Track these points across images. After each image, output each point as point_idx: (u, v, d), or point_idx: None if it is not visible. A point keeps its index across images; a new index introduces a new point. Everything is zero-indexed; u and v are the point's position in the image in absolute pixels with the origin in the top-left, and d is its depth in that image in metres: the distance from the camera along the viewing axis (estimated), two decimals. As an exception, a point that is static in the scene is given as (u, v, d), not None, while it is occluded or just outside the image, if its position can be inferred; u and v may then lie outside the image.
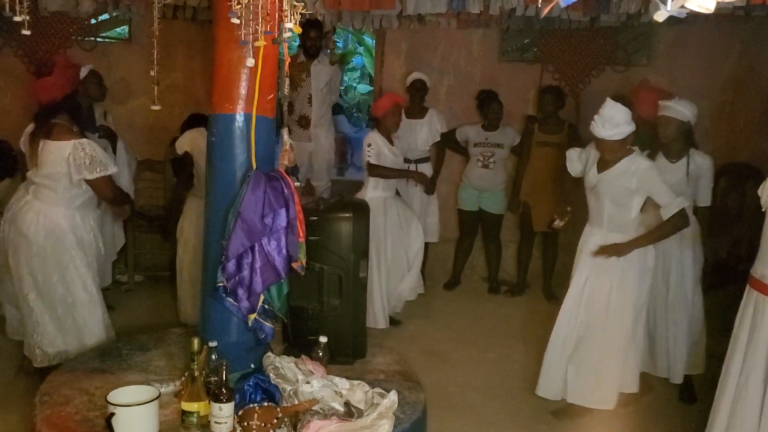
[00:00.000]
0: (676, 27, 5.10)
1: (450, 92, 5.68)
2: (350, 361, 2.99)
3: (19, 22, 2.44)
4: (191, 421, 2.28)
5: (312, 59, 5.20)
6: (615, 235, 3.23)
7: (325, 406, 2.36)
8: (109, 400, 2.21)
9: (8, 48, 5.35)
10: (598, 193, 3.27)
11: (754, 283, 2.70)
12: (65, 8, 4.81)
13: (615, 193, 3.20)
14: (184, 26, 5.40)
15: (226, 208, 2.53)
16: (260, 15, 2.10)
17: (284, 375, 2.51)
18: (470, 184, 5.25)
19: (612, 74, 5.53)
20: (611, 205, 3.23)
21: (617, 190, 3.19)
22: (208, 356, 2.46)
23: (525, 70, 5.67)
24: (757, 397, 2.60)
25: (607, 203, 3.23)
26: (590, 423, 3.34)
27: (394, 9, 4.22)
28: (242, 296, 2.51)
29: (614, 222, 3.25)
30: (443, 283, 5.41)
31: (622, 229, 3.23)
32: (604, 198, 3.24)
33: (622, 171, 3.17)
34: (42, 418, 2.40)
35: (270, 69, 2.57)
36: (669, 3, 1.39)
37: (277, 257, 2.52)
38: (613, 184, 3.19)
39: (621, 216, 3.23)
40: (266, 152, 2.66)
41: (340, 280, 3.01)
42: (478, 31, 5.56)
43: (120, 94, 5.54)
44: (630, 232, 3.22)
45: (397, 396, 2.41)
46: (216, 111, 2.62)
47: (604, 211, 3.26)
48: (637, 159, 3.19)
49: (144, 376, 2.71)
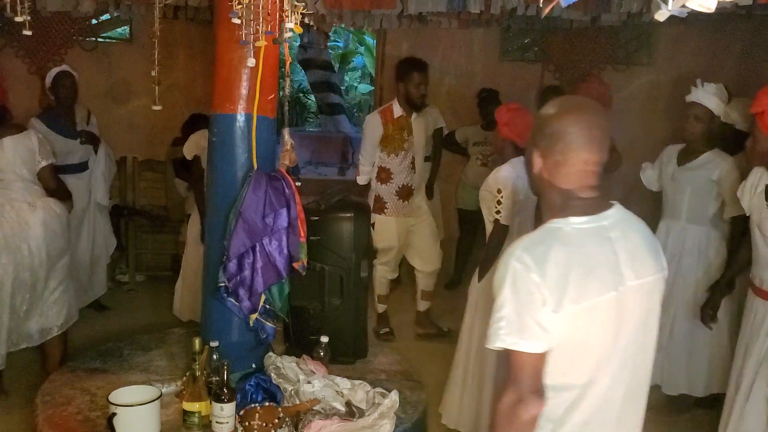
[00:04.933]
0: (677, 26, 5.09)
1: (451, 92, 5.69)
2: (351, 360, 2.99)
3: (20, 22, 2.44)
4: (193, 421, 2.29)
5: (414, 111, 4.19)
6: (694, 227, 3.35)
7: (327, 406, 2.36)
8: (110, 400, 2.21)
9: (9, 48, 5.35)
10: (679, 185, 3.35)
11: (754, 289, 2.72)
12: (65, 8, 4.81)
13: (697, 184, 3.29)
14: (185, 26, 5.40)
15: (228, 208, 2.53)
16: (261, 15, 2.10)
17: (285, 375, 2.51)
18: (470, 183, 5.25)
19: (613, 73, 5.53)
20: (692, 197, 3.32)
21: (699, 182, 3.28)
22: (210, 356, 2.45)
23: (526, 69, 5.67)
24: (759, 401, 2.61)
25: (688, 194, 3.32)
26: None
27: (395, 8, 4.21)
28: (243, 296, 2.51)
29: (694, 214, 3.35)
30: (445, 282, 5.41)
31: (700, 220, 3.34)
32: (685, 189, 3.33)
33: (707, 161, 3.28)
34: (43, 418, 2.40)
35: (271, 69, 2.57)
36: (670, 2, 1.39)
37: (279, 257, 2.52)
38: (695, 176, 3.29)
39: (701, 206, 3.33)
40: (267, 152, 2.65)
41: (342, 279, 3.01)
42: (478, 30, 5.56)
43: (121, 94, 5.55)
44: (707, 224, 3.33)
45: (398, 396, 2.40)
46: (217, 111, 2.62)
47: (684, 204, 3.35)
48: (722, 153, 3.27)
49: (145, 376, 2.71)
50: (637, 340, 1.52)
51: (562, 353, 1.43)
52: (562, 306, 1.39)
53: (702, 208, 3.34)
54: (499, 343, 1.41)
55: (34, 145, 3.36)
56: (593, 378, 1.47)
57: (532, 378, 1.42)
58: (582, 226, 1.47)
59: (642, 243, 1.54)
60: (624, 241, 1.49)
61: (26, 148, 3.33)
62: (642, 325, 1.53)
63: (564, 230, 1.47)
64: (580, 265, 1.42)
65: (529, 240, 1.47)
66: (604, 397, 1.49)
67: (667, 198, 3.48)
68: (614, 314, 1.46)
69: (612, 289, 1.44)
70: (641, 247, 1.53)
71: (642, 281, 1.50)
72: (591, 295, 1.42)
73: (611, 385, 1.49)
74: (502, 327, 1.41)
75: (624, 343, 1.48)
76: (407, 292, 5.03)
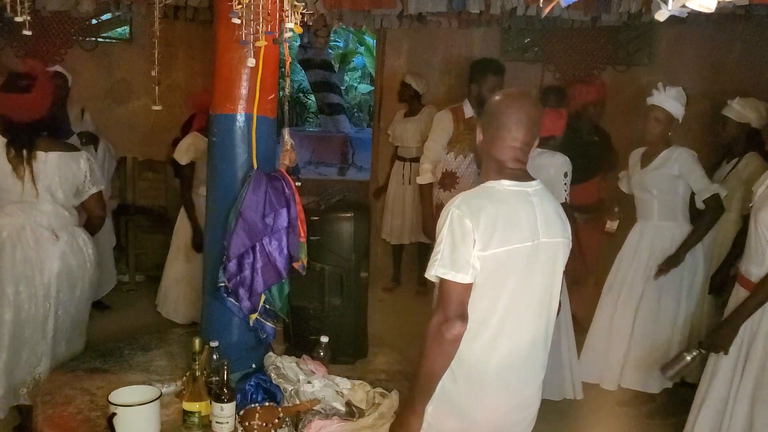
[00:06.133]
0: (677, 26, 5.09)
1: (451, 92, 5.68)
2: (351, 360, 2.99)
3: (20, 22, 2.44)
4: (193, 421, 2.28)
5: None
6: (666, 224, 3.45)
7: (327, 406, 2.36)
8: (110, 400, 2.20)
9: (9, 48, 5.35)
10: (645, 187, 3.46)
11: (740, 280, 2.73)
12: (65, 8, 4.81)
13: (660, 183, 3.40)
14: (185, 26, 5.40)
15: (228, 208, 2.54)
16: (261, 15, 2.10)
17: (285, 375, 2.51)
18: None
19: (613, 74, 5.53)
20: (659, 195, 3.43)
21: (662, 180, 3.39)
22: (210, 356, 2.45)
23: (526, 69, 5.67)
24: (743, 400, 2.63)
25: (655, 194, 3.43)
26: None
27: (395, 8, 4.21)
28: (243, 296, 2.51)
29: (664, 212, 3.45)
30: None
31: (671, 216, 3.44)
32: (651, 189, 3.43)
33: (666, 158, 3.38)
34: (43, 418, 2.39)
35: (271, 69, 2.57)
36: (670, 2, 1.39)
37: (279, 257, 2.52)
38: (658, 174, 3.39)
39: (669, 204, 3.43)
40: (267, 152, 2.65)
41: (342, 279, 3.01)
42: (479, 30, 5.56)
43: (121, 94, 5.56)
44: (679, 219, 3.44)
45: (398, 396, 2.40)
46: (217, 111, 2.62)
47: (654, 202, 3.45)
48: (678, 148, 3.39)
49: (145, 376, 2.71)
50: (543, 297, 1.86)
51: (485, 288, 1.75)
52: (489, 248, 1.72)
53: (671, 204, 3.44)
54: (433, 272, 1.74)
55: (83, 169, 2.99)
56: (507, 314, 1.78)
57: (458, 304, 1.74)
58: (511, 188, 1.81)
59: (554, 211, 1.88)
60: (541, 206, 1.83)
61: (71, 170, 2.95)
62: (548, 281, 1.86)
63: (496, 189, 1.81)
64: (506, 217, 1.76)
65: (468, 194, 1.80)
66: (515, 341, 1.82)
67: (638, 200, 3.58)
68: (528, 261, 1.79)
69: (529, 240, 1.78)
70: (553, 214, 1.87)
71: (552, 240, 1.84)
72: (513, 241, 1.76)
73: (521, 326, 1.82)
74: (438, 260, 1.74)
75: (532, 293, 1.82)
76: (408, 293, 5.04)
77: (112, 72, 5.47)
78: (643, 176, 3.48)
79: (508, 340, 1.80)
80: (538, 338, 1.89)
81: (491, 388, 1.82)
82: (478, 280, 1.75)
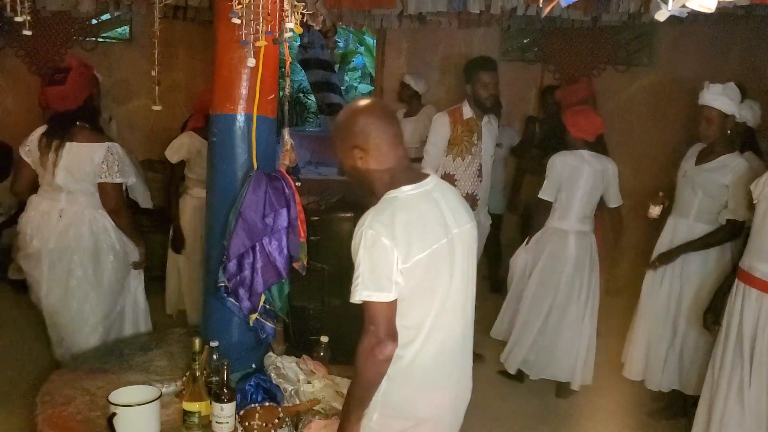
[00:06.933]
0: (678, 26, 5.09)
1: (451, 92, 5.69)
2: (352, 360, 2.98)
3: (20, 22, 2.44)
4: (193, 421, 2.29)
5: (485, 114, 3.94)
6: (701, 226, 3.33)
7: (327, 406, 2.36)
8: (110, 400, 2.21)
9: (9, 48, 5.35)
10: (692, 185, 3.34)
11: (741, 275, 2.72)
12: (65, 8, 4.81)
13: (709, 187, 3.28)
14: (185, 26, 5.40)
15: (228, 208, 2.53)
16: (261, 15, 2.10)
17: (286, 375, 2.51)
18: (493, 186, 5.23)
19: (613, 74, 5.53)
20: (703, 198, 3.31)
21: (712, 185, 3.27)
22: (210, 356, 2.46)
23: (526, 69, 5.67)
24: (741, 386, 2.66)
25: (700, 195, 3.32)
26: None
27: (395, 8, 4.21)
28: (244, 296, 2.51)
29: (702, 213, 3.34)
30: None
31: (707, 220, 3.33)
32: (697, 190, 3.32)
33: (722, 165, 3.25)
34: (43, 418, 2.39)
35: (271, 69, 2.57)
36: (670, 2, 1.39)
37: (279, 257, 2.52)
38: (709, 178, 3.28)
39: (710, 208, 3.31)
40: (267, 152, 2.65)
41: (342, 280, 3.00)
42: (478, 30, 5.56)
43: (121, 94, 5.55)
44: (714, 225, 3.31)
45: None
46: (217, 111, 2.62)
47: (695, 203, 3.34)
48: (738, 157, 3.25)
49: (145, 376, 2.71)
50: (465, 285, 1.88)
51: (416, 295, 1.76)
52: (411, 257, 1.72)
53: (712, 209, 3.30)
54: (357, 297, 1.75)
55: (96, 161, 3.05)
56: (439, 312, 1.79)
57: (386, 323, 1.74)
58: (412, 192, 1.80)
59: (456, 200, 1.91)
60: (444, 200, 1.85)
61: (86, 161, 3.05)
62: (467, 269, 1.88)
63: (399, 197, 1.79)
64: (418, 222, 1.75)
65: (375, 211, 1.78)
66: (447, 334, 1.84)
67: (679, 194, 3.44)
68: (449, 256, 1.80)
69: (444, 236, 1.79)
70: (456, 203, 1.90)
71: (462, 229, 1.86)
72: (430, 243, 1.75)
73: (451, 320, 1.84)
74: (359, 283, 1.75)
75: (457, 285, 1.83)
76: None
77: (112, 72, 5.46)
78: (695, 174, 3.34)
79: (441, 334, 1.82)
80: (466, 325, 1.92)
81: (430, 384, 1.84)
82: (406, 291, 1.74)
